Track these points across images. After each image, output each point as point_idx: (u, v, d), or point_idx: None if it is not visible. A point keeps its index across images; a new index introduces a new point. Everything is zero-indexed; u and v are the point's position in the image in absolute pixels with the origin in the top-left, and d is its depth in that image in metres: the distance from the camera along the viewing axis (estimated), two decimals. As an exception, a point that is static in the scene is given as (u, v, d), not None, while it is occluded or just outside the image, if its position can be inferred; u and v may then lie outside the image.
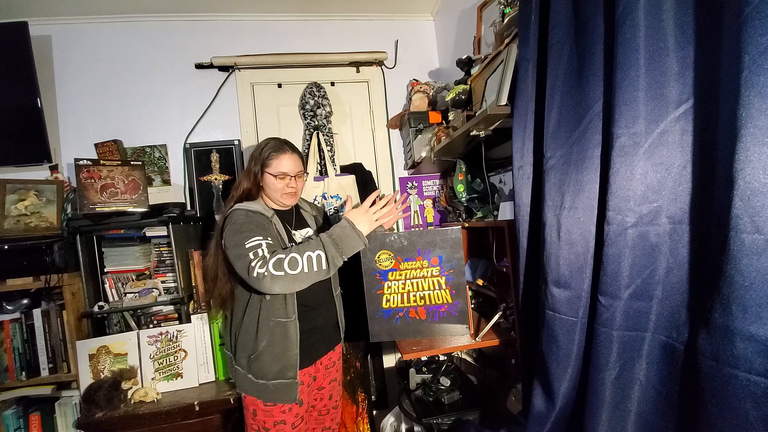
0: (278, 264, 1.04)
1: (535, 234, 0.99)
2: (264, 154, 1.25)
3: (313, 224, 1.40)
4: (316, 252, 1.07)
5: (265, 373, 1.17)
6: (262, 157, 1.25)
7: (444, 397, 1.44)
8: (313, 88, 2.06)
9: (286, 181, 1.25)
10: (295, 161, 1.28)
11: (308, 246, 1.09)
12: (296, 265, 1.05)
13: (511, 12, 1.17)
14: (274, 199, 1.28)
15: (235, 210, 1.20)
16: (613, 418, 0.79)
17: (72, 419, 1.64)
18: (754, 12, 0.50)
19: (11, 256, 1.55)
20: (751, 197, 0.52)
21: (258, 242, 1.09)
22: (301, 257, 1.06)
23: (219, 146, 2.03)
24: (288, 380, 1.18)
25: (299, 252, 1.07)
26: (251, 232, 1.12)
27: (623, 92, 0.70)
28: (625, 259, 0.73)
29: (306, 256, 1.06)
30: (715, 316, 0.57)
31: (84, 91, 1.97)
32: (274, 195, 1.27)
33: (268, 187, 1.26)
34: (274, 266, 1.03)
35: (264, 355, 1.17)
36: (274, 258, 1.05)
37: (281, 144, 1.29)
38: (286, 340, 1.18)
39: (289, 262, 1.05)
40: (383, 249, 1.23)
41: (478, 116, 1.19)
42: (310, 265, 1.06)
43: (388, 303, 1.25)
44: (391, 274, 1.24)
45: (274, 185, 1.25)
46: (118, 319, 1.77)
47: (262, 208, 1.23)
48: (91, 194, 1.65)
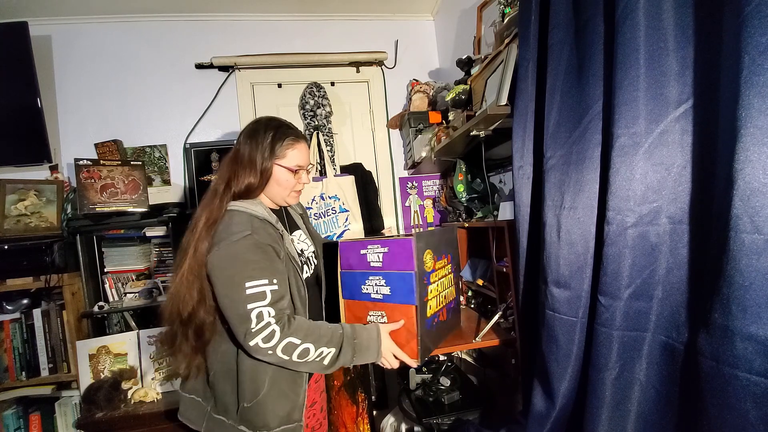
0: (289, 348, 0.88)
1: (535, 234, 0.99)
2: (276, 142, 1.00)
3: (301, 224, 1.21)
4: (330, 349, 0.92)
5: (267, 422, 0.94)
6: (273, 145, 1.00)
7: (444, 397, 1.44)
8: (313, 88, 2.06)
9: (300, 175, 1.05)
10: (308, 151, 1.08)
11: (325, 338, 0.92)
12: (306, 355, 0.90)
13: (511, 12, 1.17)
14: (277, 198, 1.05)
15: (237, 213, 0.94)
16: (613, 418, 0.79)
17: (72, 419, 1.64)
18: (754, 12, 0.50)
19: (11, 256, 1.55)
20: (751, 197, 0.52)
21: (259, 290, 0.88)
22: (315, 350, 0.90)
23: (219, 146, 2.03)
24: (293, 425, 0.98)
25: (315, 343, 0.91)
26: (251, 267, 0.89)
27: (623, 92, 0.70)
28: (625, 259, 0.73)
29: (319, 351, 0.91)
30: (715, 316, 0.57)
31: (84, 91, 1.97)
32: (280, 193, 1.04)
33: (277, 182, 1.02)
34: (285, 350, 0.88)
35: (268, 398, 0.94)
36: (287, 340, 0.88)
37: (295, 130, 1.06)
38: (296, 374, 0.98)
39: (302, 351, 0.90)
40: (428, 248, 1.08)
41: (478, 116, 1.19)
42: (318, 358, 0.91)
43: (431, 309, 1.10)
44: (432, 275, 1.11)
45: (287, 181, 1.02)
46: (118, 319, 1.77)
47: (265, 211, 0.99)
48: (91, 194, 1.65)
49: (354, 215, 1.98)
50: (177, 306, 0.93)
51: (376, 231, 2.08)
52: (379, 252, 1.07)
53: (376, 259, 1.07)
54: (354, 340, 0.95)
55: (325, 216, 1.96)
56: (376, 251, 1.07)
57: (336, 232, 1.95)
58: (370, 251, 1.07)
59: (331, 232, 1.95)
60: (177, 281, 0.92)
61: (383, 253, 1.06)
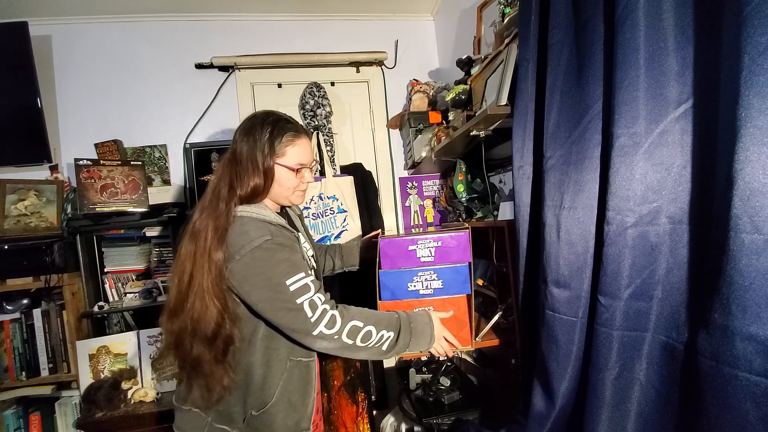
0: (353, 332, 0.87)
1: (535, 234, 0.99)
2: (275, 139, 0.93)
3: (300, 226, 1.15)
4: (390, 332, 0.92)
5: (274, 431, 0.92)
6: (272, 143, 0.92)
7: (444, 397, 1.44)
8: (313, 88, 2.06)
9: (302, 174, 0.98)
10: (310, 147, 1.00)
11: (384, 321, 0.93)
12: (369, 338, 0.89)
13: (511, 12, 1.17)
14: (280, 199, 0.98)
15: (250, 221, 0.87)
16: (613, 418, 0.79)
17: (72, 419, 1.64)
18: (753, 12, 0.50)
19: (11, 256, 1.55)
20: (751, 197, 0.52)
21: (302, 283, 0.85)
22: (376, 332, 0.90)
23: (219, 146, 2.04)
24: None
25: (377, 325, 0.90)
26: (287, 263, 0.86)
27: (623, 92, 0.70)
28: (625, 259, 0.73)
29: (380, 334, 0.90)
30: (715, 316, 0.57)
31: (84, 91, 1.97)
32: (284, 194, 0.96)
33: (278, 183, 0.94)
34: (349, 334, 0.87)
35: (276, 407, 0.91)
36: (350, 324, 0.87)
37: (295, 124, 0.98)
38: (306, 384, 0.96)
39: (365, 334, 0.88)
40: None
41: (478, 116, 1.19)
42: (379, 342, 0.90)
43: None
44: None
45: (291, 180, 0.95)
46: (118, 319, 1.77)
47: (275, 215, 0.93)
48: (91, 194, 1.65)
49: (352, 216, 1.98)
50: (194, 326, 0.84)
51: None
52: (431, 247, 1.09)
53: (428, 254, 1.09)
54: (410, 324, 0.95)
55: (323, 216, 1.96)
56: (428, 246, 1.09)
57: (333, 233, 1.96)
58: (421, 246, 1.09)
59: (328, 232, 1.95)
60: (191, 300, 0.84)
61: (435, 248, 1.08)
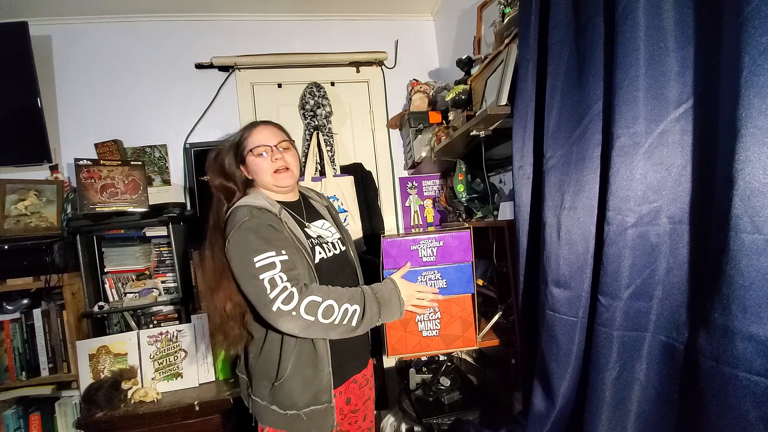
0: (311, 307, 0.90)
1: (535, 234, 0.99)
2: (236, 138, 1.10)
3: (327, 216, 1.21)
4: (354, 306, 0.95)
5: (295, 402, 0.99)
6: (236, 142, 1.09)
7: (444, 397, 1.44)
8: (313, 88, 2.06)
9: (269, 155, 1.06)
10: (272, 131, 1.09)
11: (345, 295, 0.96)
12: (331, 314, 0.92)
13: (511, 12, 1.17)
14: (269, 185, 1.08)
15: (238, 208, 1.01)
16: (613, 418, 0.79)
17: (72, 419, 1.64)
18: (754, 12, 0.50)
19: (11, 256, 1.55)
20: (751, 197, 0.52)
21: (269, 261, 0.92)
22: (338, 307, 0.93)
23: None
24: (323, 405, 1.01)
25: (337, 299, 0.94)
26: (257, 245, 0.94)
27: (623, 92, 0.70)
28: (625, 259, 0.73)
29: (343, 309, 0.93)
30: (715, 316, 0.57)
31: (84, 91, 1.97)
32: (265, 179, 1.06)
33: (255, 171, 1.07)
34: (307, 309, 0.90)
35: (291, 380, 0.99)
36: (309, 299, 0.91)
37: (253, 121, 1.16)
38: (316, 359, 1.01)
39: (325, 309, 0.91)
40: None
41: (478, 116, 1.19)
42: (344, 318, 0.93)
43: None
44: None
45: (259, 165, 1.05)
46: (118, 319, 1.77)
47: (266, 202, 1.03)
48: (91, 194, 1.65)
49: (352, 216, 1.99)
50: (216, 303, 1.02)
51: (376, 231, 2.07)
52: (433, 246, 1.09)
53: (430, 253, 1.09)
54: (375, 295, 0.98)
55: (325, 216, 1.96)
56: (430, 246, 1.09)
57: (335, 232, 1.96)
58: (423, 246, 1.09)
59: (330, 232, 1.95)
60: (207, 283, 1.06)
61: (438, 247, 1.08)
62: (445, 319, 1.12)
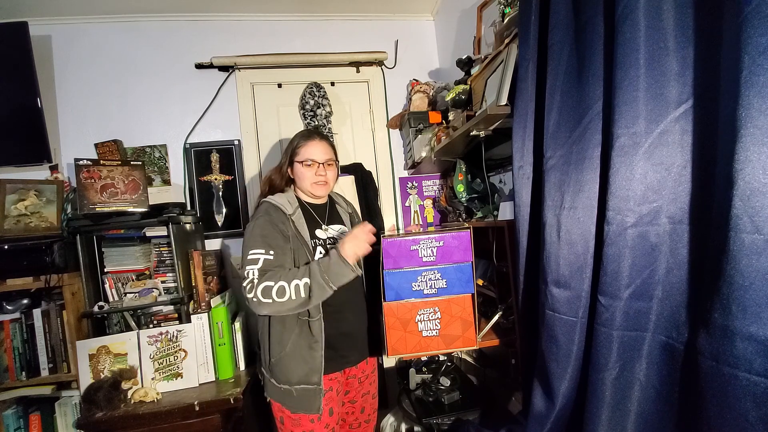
0: (266, 291, 1.05)
1: (535, 234, 0.99)
2: (293, 144, 1.26)
3: (347, 221, 1.35)
4: (303, 280, 1.06)
5: (289, 378, 1.12)
6: (291, 147, 1.26)
7: (444, 397, 1.44)
8: (313, 88, 2.06)
9: (314, 168, 1.22)
10: (325, 148, 1.25)
11: (297, 273, 1.08)
12: (284, 293, 1.05)
13: (511, 12, 1.17)
14: (306, 190, 1.25)
15: (263, 202, 1.20)
16: (613, 418, 0.79)
17: (72, 419, 1.64)
18: (753, 12, 0.50)
19: (11, 256, 1.55)
20: (751, 197, 0.52)
21: (256, 257, 1.08)
22: (289, 285, 1.05)
23: (219, 146, 2.04)
24: (312, 386, 1.12)
25: (288, 279, 1.06)
26: (256, 240, 1.10)
27: (623, 92, 0.70)
28: (625, 259, 0.73)
29: (294, 285, 1.05)
30: (715, 316, 0.57)
31: (84, 91, 1.97)
32: (304, 185, 1.24)
33: (298, 177, 1.24)
34: (263, 293, 1.05)
35: (288, 357, 1.12)
36: (263, 285, 1.05)
37: (310, 132, 1.31)
38: (311, 340, 1.13)
39: (278, 290, 1.05)
40: None
41: (478, 116, 1.19)
42: (297, 293, 1.05)
43: None
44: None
45: (303, 174, 1.22)
46: (118, 319, 1.77)
47: (286, 201, 1.20)
48: (91, 194, 1.65)
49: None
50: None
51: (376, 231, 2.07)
52: (433, 246, 1.10)
53: (430, 253, 1.10)
54: (320, 265, 1.09)
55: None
56: (430, 246, 1.10)
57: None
58: (423, 246, 1.10)
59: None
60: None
61: (438, 247, 1.09)
62: (445, 319, 1.12)
